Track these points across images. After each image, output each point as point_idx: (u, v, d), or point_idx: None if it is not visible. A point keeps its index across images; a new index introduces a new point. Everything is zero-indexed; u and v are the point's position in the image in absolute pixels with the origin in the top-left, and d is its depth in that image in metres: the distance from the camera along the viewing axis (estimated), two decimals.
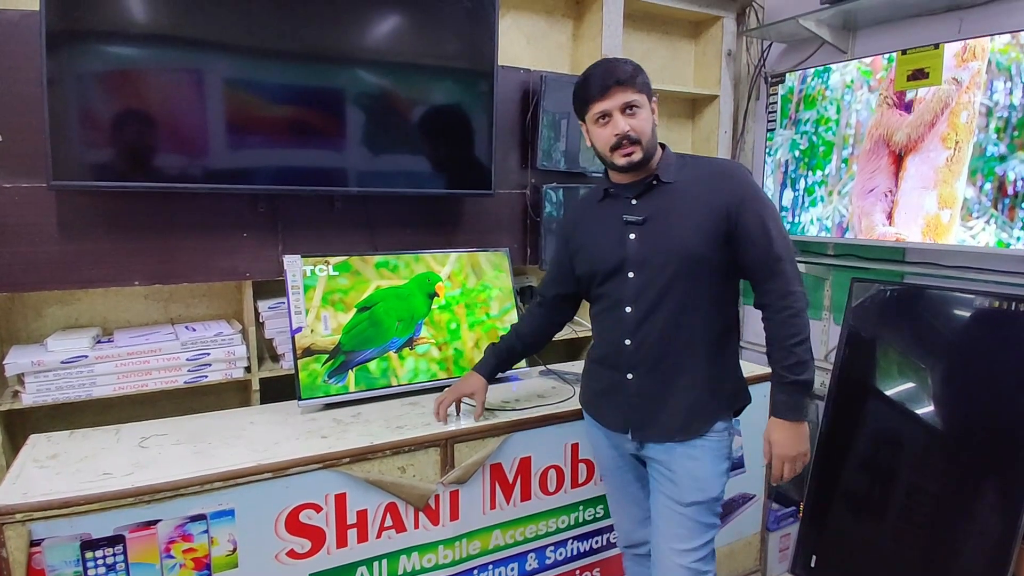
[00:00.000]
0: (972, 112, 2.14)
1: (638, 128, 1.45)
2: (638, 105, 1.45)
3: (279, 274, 2.02)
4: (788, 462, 1.49)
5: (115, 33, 1.72)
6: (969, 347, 2.23)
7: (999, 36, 2.06)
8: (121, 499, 1.36)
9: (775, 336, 1.48)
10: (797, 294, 1.46)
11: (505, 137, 2.39)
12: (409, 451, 1.67)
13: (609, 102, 1.44)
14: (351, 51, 2.01)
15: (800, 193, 2.70)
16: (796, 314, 1.45)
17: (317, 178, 2.03)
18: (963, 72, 2.14)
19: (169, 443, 1.62)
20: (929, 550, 2.16)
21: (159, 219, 1.93)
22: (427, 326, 2.05)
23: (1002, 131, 2.07)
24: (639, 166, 1.49)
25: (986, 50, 2.09)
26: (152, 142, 1.81)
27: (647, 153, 1.48)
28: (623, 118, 1.45)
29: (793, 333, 1.45)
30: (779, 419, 1.49)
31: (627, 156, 1.46)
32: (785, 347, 1.46)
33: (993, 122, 2.10)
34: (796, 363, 1.45)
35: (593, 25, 2.60)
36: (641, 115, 1.46)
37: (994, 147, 2.10)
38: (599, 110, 1.46)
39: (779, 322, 1.47)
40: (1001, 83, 2.06)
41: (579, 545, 1.99)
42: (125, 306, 2.07)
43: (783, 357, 1.46)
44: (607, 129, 1.47)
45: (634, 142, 1.45)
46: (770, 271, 1.46)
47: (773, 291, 1.47)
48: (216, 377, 1.98)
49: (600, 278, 1.57)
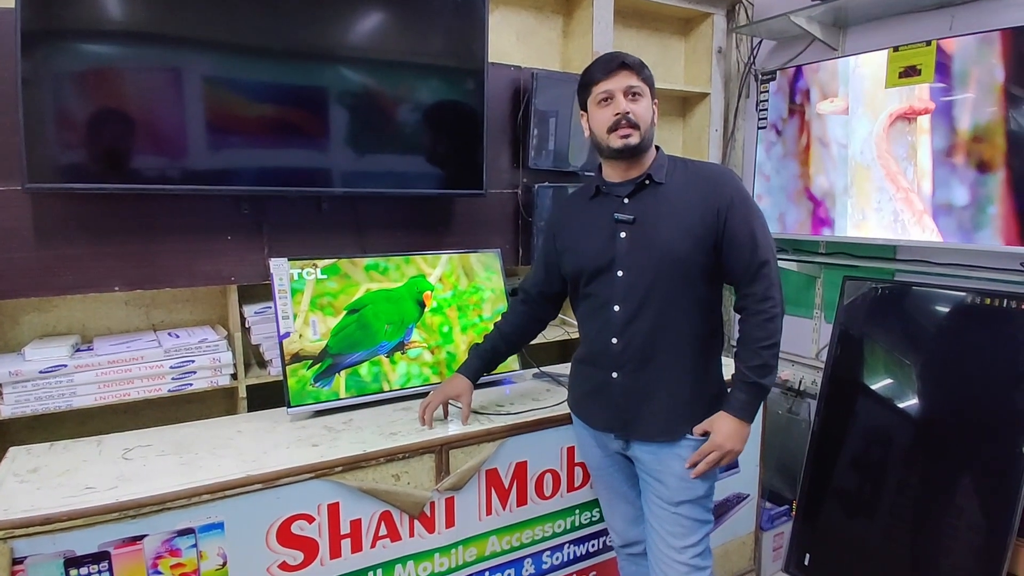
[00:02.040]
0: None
1: (638, 113, 1.47)
2: (640, 92, 1.48)
3: (265, 278, 1.98)
4: (719, 451, 1.50)
5: (93, 31, 1.66)
6: (959, 344, 2.24)
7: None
8: (105, 514, 1.32)
9: (747, 337, 1.50)
10: (776, 300, 1.48)
11: (496, 136, 2.35)
12: (403, 458, 1.63)
13: (613, 82, 1.46)
14: (338, 48, 1.97)
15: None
16: (771, 318, 1.48)
17: (303, 179, 1.98)
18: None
19: (153, 454, 1.57)
20: (921, 547, 2.17)
21: (139, 222, 1.88)
22: (419, 330, 2.01)
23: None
24: (634, 152, 1.49)
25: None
26: (131, 143, 1.75)
27: (644, 142, 1.48)
28: (625, 100, 1.46)
29: (765, 336, 1.47)
30: (729, 414, 1.50)
31: (624, 138, 1.47)
32: (754, 348, 1.48)
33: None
34: (762, 365, 1.47)
35: (583, 22, 2.57)
36: (643, 102, 1.48)
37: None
38: (602, 90, 1.47)
39: (754, 324, 1.49)
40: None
41: (575, 549, 1.97)
42: (105, 313, 2.01)
43: (750, 358, 1.48)
44: (608, 110, 1.48)
45: (633, 125, 1.46)
46: (753, 275, 1.48)
47: (753, 295, 1.49)
48: (201, 385, 1.93)
49: (588, 276, 1.56)
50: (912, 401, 2.30)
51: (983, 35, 2.08)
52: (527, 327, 1.84)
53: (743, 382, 1.49)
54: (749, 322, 1.50)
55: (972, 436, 2.13)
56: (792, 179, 2.67)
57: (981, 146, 2.11)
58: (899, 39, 2.35)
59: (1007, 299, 2.13)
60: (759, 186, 2.79)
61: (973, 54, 2.10)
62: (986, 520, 2.06)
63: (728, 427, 1.50)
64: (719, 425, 1.51)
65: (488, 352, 1.81)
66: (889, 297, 2.45)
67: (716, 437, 1.50)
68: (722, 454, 1.50)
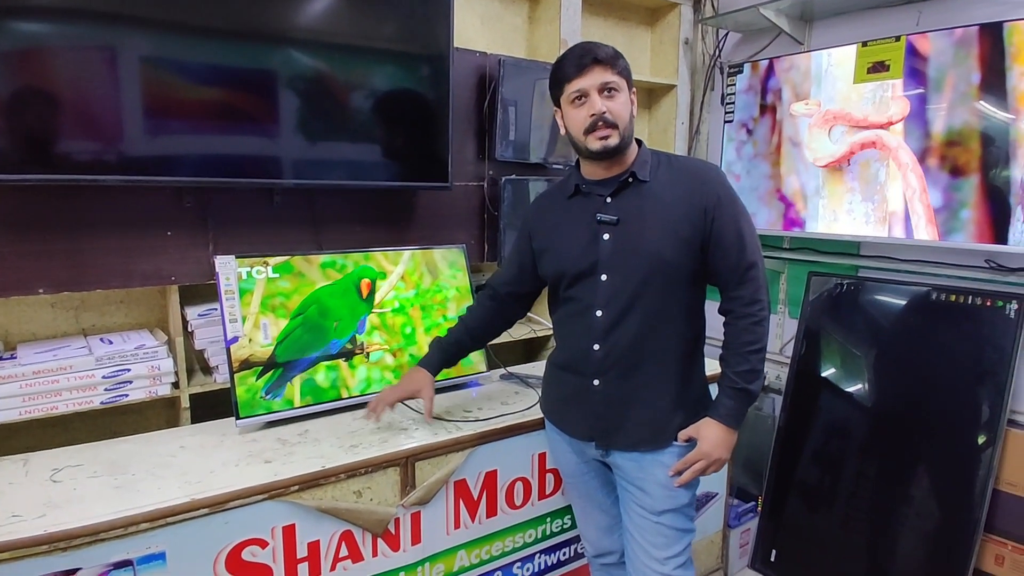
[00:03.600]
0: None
1: (615, 111, 1.38)
2: (616, 88, 1.38)
3: (210, 277, 1.83)
4: (706, 459, 1.45)
5: (13, 4, 1.47)
6: (923, 339, 2.26)
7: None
8: (33, 547, 1.19)
9: (734, 341, 1.45)
10: (764, 303, 1.44)
11: (461, 125, 2.24)
12: (366, 473, 1.52)
13: (586, 80, 1.37)
14: (292, 29, 1.81)
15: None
16: (759, 322, 1.43)
17: (253, 169, 1.82)
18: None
19: (85, 476, 1.42)
20: (884, 539, 2.20)
21: (68, 216, 1.69)
22: (380, 331, 1.89)
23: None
24: (614, 153, 1.41)
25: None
26: (58, 129, 1.57)
27: (623, 140, 1.40)
28: (600, 98, 1.37)
29: (752, 340, 1.43)
30: (716, 421, 1.45)
31: (602, 140, 1.38)
32: (742, 353, 1.43)
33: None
34: (750, 371, 1.43)
35: (550, 8, 2.47)
36: (619, 99, 1.39)
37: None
38: (575, 89, 1.38)
39: (741, 328, 1.44)
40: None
41: (547, 559, 1.91)
42: (29, 316, 1.81)
43: (738, 363, 1.44)
44: (583, 110, 1.38)
45: (610, 125, 1.37)
46: (740, 278, 1.44)
47: (741, 298, 1.44)
48: (138, 395, 1.76)
49: (569, 280, 1.48)
50: (876, 396, 2.33)
51: (953, 32, 2.06)
52: (493, 324, 1.74)
53: (731, 388, 1.44)
54: (736, 326, 1.44)
55: (937, 430, 2.17)
56: (763, 179, 2.64)
57: (955, 150, 2.10)
58: (865, 34, 2.33)
59: (971, 295, 2.16)
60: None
61: (947, 53, 2.09)
62: (950, 514, 2.09)
63: (715, 434, 1.44)
64: (706, 432, 1.45)
65: (452, 346, 1.70)
66: (854, 293, 2.46)
67: (703, 445, 1.45)
68: (709, 463, 1.44)
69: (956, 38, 2.06)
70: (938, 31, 2.10)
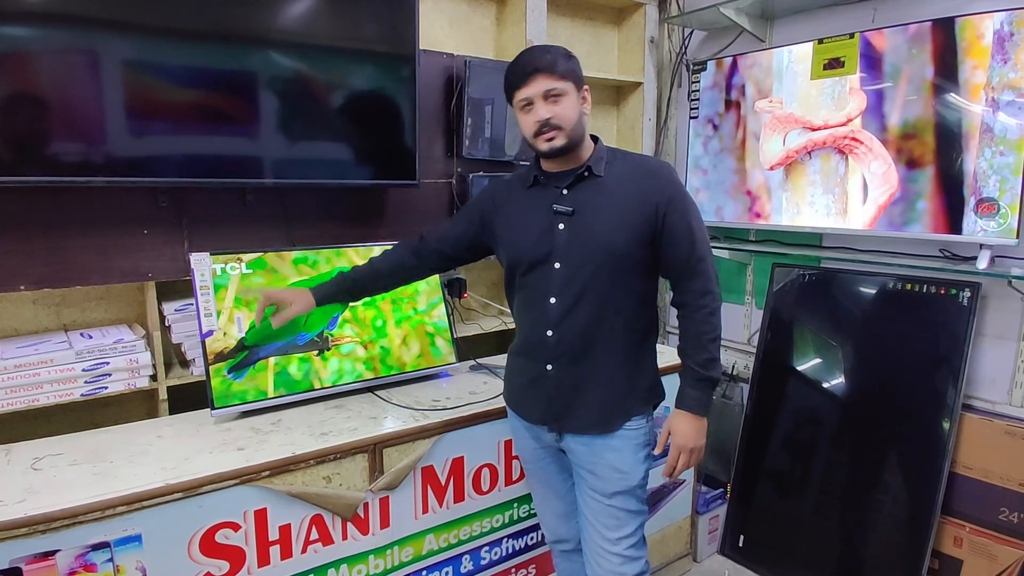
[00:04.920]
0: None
1: (560, 115, 1.44)
2: (560, 92, 1.44)
3: (186, 273, 1.89)
4: (685, 453, 1.53)
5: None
6: (883, 328, 2.32)
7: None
8: (14, 529, 1.24)
9: (691, 332, 1.51)
10: (715, 294, 1.51)
11: (429, 124, 2.30)
12: (335, 459, 1.59)
13: (530, 89, 1.43)
14: (262, 31, 1.87)
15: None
16: (713, 312, 1.50)
17: (225, 169, 1.88)
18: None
19: (65, 464, 1.48)
20: (850, 524, 2.25)
21: (48, 215, 1.75)
22: (352, 324, 1.95)
23: None
24: (562, 152, 1.47)
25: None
26: (35, 131, 1.62)
27: (571, 140, 1.46)
28: (545, 105, 1.43)
29: (709, 330, 1.49)
30: (686, 412, 1.52)
31: (549, 141, 1.45)
32: (701, 344, 1.50)
33: None
34: (709, 359, 1.50)
35: (517, 9, 2.53)
36: (564, 102, 1.44)
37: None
38: (521, 97, 1.45)
39: (697, 320, 1.50)
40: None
41: (514, 543, 1.97)
42: (11, 313, 1.87)
43: (697, 353, 1.50)
44: (530, 116, 1.46)
45: (555, 128, 1.44)
46: (692, 271, 1.50)
47: (693, 290, 1.50)
48: (117, 388, 1.82)
49: (525, 268, 1.54)
50: (839, 383, 2.38)
51: (908, 27, 2.12)
52: (404, 269, 1.74)
53: (694, 378, 1.51)
54: (692, 318, 1.51)
55: (897, 415, 2.22)
56: (729, 174, 2.69)
57: (911, 143, 2.16)
58: (824, 31, 2.40)
59: (926, 284, 2.22)
60: (697, 180, 2.82)
61: (902, 48, 2.14)
62: (911, 497, 2.14)
63: (687, 426, 1.51)
64: (678, 426, 1.52)
65: (348, 280, 1.71)
66: (816, 283, 2.53)
67: (678, 439, 1.52)
68: (690, 454, 1.52)
69: (910, 34, 2.12)
70: (893, 27, 2.16)
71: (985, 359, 2.18)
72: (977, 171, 2.01)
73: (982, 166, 2.00)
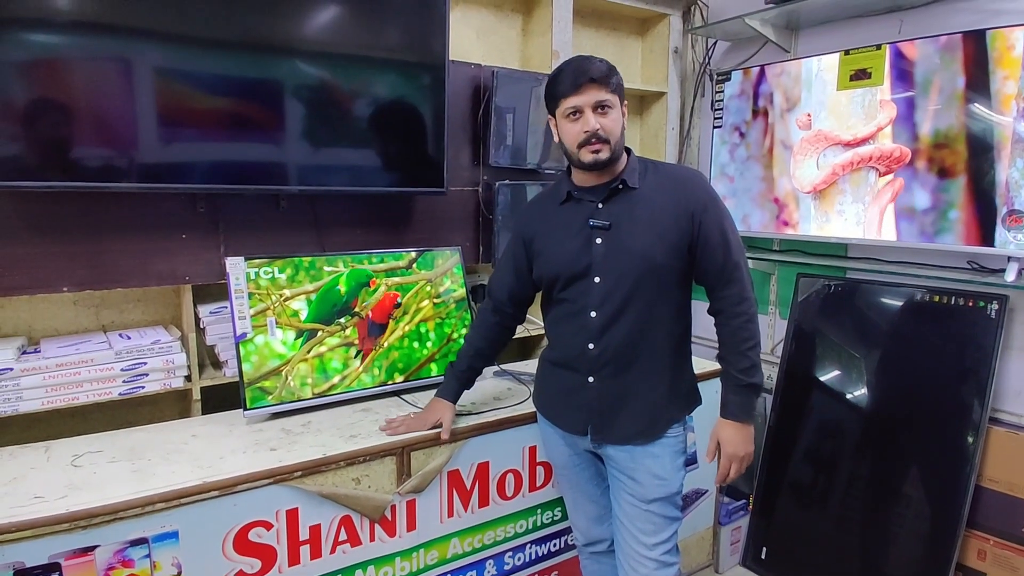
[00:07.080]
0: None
1: (608, 127, 1.44)
2: (610, 105, 1.45)
3: (221, 277, 1.93)
4: (736, 462, 1.53)
5: (35, 19, 1.58)
6: (909, 340, 2.30)
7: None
8: (55, 524, 1.28)
9: (730, 340, 1.52)
10: (751, 300, 1.51)
11: (457, 133, 2.34)
12: (364, 461, 1.61)
13: (581, 98, 1.43)
14: (297, 41, 1.92)
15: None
16: (751, 319, 1.50)
17: (261, 176, 1.93)
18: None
19: (104, 461, 1.52)
20: (872, 537, 2.23)
21: (89, 220, 1.81)
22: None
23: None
24: (605, 165, 1.48)
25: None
26: (77, 138, 1.68)
27: (614, 154, 1.47)
28: (594, 116, 1.44)
29: (747, 337, 1.50)
30: (730, 420, 1.52)
31: (595, 153, 1.45)
32: (740, 351, 1.50)
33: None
34: (750, 367, 1.50)
35: (542, 20, 2.57)
36: (612, 115, 1.45)
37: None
38: (570, 105, 1.44)
39: (735, 327, 1.50)
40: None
41: (537, 549, 1.98)
42: (52, 313, 1.93)
43: (737, 361, 1.50)
44: (577, 125, 1.45)
45: (603, 141, 1.44)
46: (728, 278, 1.50)
47: (729, 297, 1.50)
48: (154, 387, 1.87)
49: (564, 282, 1.55)
50: (863, 394, 2.36)
51: (938, 38, 2.11)
52: (502, 339, 1.78)
53: (736, 385, 1.51)
54: (730, 325, 1.51)
55: (922, 428, 2.19)
56: (756, 181, 2.68)
57: (943, 152, 2.13)
58: (850, 42, 2.40)
59: (954, 296, 2.20)
60: (723, 188, 2.80)
61: (933, 59, 2.13)
62: (935, 510, 2.12)
63: (735, 435, 1.52)
64: (727, 436, 1.53)
65: (465, 372, 1.75)
66: (841, 294, 2.51)
67: (728, 448, 1.53)
68: (740, 462, 1.53)
69: (941, 44, 2.11)
70: (923, 39, 2.14)
71: (1012, 372, 2.15)
72: (1009, 181, 2.00)
73: (1014, 176, 1.99)
